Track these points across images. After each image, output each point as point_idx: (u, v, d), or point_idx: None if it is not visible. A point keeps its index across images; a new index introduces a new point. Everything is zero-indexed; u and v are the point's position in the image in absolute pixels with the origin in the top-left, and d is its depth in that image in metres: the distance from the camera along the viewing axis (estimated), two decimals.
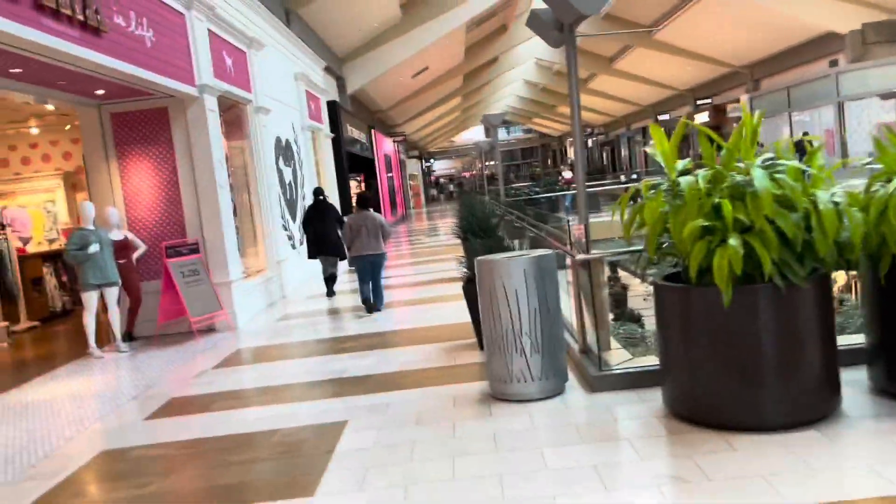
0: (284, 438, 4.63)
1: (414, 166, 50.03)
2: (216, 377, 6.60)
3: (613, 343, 5.50)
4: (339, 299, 10.73)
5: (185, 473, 4.26)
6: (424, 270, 13.08)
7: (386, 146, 31.59)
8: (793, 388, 3.76)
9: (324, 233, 10.21)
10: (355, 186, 24.78)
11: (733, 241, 3.60)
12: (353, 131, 21.90)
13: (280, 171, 12.57)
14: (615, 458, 3.78)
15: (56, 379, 7.23)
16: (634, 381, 4.80)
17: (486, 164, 47.86)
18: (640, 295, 7.90)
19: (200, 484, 4.08)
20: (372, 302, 8.95)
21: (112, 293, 8.20)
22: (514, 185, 28.28)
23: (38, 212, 13.02)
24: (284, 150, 13.03)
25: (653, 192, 4.09)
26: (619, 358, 5.12)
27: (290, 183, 13.11)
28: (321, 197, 10.88)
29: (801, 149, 24.40)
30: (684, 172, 4.13)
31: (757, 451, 3.58)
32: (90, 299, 8.04)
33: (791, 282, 3.66)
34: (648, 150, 4.30)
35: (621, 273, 8.02)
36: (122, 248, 8.63)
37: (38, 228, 12.91)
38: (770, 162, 3.96)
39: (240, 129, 11.15)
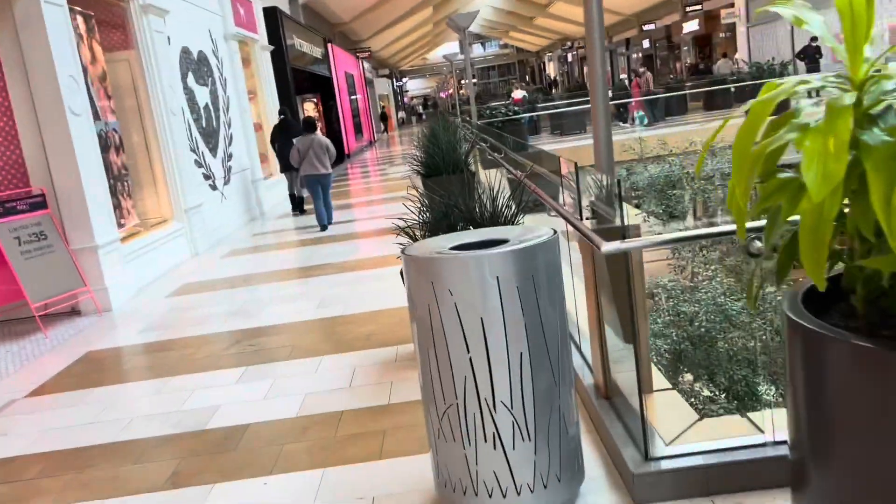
0: None
1: (384, 86, 46.65)
2: (16, 420, 4.19)
3: (655, 375, 3.16)
4: (272, 258, 8.33)
5: None
6: (377, 213, 10.54)
7: (348, 63, 28.43)
8: None
9: (286, 150, 10.44)
10: (311, 108, 21.96)
11: None
12: (302, 44, 18.91)
13: (191, 92, 9.87)
14: None
15: None
16: (713, 478, 2.47)
17: (462, 82, 44.49)
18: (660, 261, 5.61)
19: None
20: (325, 220, 9.66)
21: None
22: (490, 105, 25.37)
23: None
24: (197, 65, 10.28)
25: (805, 113, 1.59)
26: (675, 422, 2.76)
27: (206, 106, 10.41)
28: (283, 116, 11.48)
29: (808, 56, 21.64)
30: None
31: None
32: None
33: None
34: (796, 14, 1.79)
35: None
36: None
37: None
38: None
39: (124, 36, 8.42)
